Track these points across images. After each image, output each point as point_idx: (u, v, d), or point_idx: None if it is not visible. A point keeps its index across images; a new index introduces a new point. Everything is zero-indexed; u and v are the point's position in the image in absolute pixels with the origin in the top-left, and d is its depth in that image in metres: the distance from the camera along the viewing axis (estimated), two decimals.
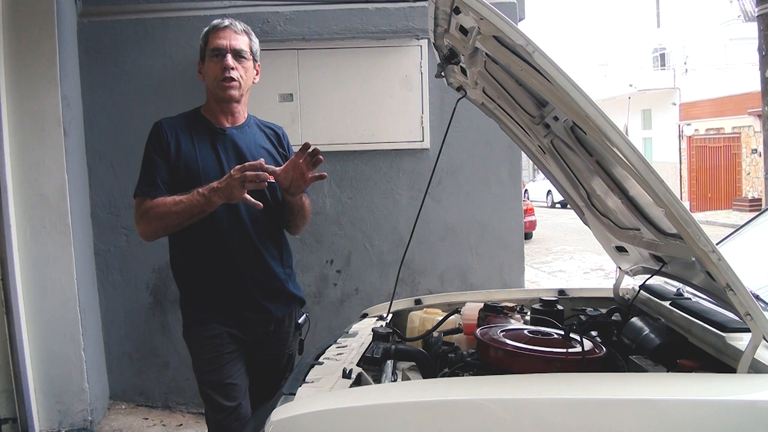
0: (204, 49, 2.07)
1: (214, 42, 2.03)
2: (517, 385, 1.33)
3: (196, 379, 2.08)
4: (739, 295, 1.29)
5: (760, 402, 1.27)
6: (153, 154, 2.00)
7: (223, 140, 2.05)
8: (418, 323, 2.03)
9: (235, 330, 2.04)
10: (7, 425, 3.08)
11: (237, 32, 2.05)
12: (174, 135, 2.02)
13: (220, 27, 2.04)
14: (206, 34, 2.07)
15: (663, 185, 1.27)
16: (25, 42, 3.10)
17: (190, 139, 2.03)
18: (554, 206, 21.54)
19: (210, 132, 2.06)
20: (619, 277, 2.18)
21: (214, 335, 2.02)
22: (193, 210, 1.90)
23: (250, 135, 2.12)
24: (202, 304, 2.04)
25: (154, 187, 1.96)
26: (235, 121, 2.10)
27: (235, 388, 2.02)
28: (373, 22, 3.57)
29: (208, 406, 2.06)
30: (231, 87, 2.02)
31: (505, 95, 1.79)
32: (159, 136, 2.02)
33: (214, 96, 2.07)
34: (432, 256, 3.65)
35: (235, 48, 2.02)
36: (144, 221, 1.96)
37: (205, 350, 2.02)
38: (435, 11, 1.63)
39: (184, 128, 2.05)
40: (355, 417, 1.25)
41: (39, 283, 3.16)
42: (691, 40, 20.67)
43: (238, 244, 2.02)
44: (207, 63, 2.05)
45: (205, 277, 2.04)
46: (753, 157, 17.48)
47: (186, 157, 2.00)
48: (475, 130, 3.50)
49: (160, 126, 2.04)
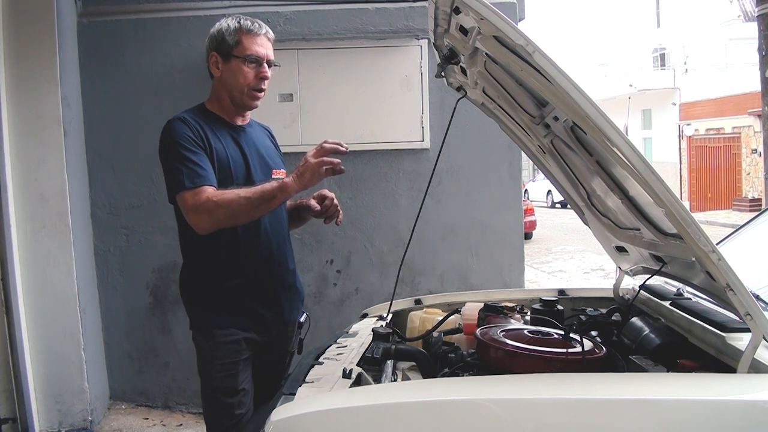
0: (231, 48, 1.95)
1: (251, 47, 1.95)
2: (517, 385, 1.33)
3: (205, 383, 2.01)
4: (739, 295, 1.29)
5: (760, 402, 1.27)
6: (189, 146, 1.87)
7: (243, 137, 2.03)
8: (418, 323, 2.03)
9: (252, 333, 2.01)
10: (7, 425, 3.07)
11: (270, 40, 2.01)
12: (200, 126, 1.93)
13: (259, 33, 1.97)
14: (237, 32, 1.95)
15: (663, 185, 1.27)
16: (25, 42, 3.10)
17: (213, 133, 1.96)
18: (554, 206, 21.53)
19: (230, 128, 2.02)
20: (619, 277, 2.18)
21: (232, 341, 1.97)
22: (264, 195, 1.81)
23: (258, 134, 2.12)
24: (222, 306, 1.99)
25: (203, 178, 1.83)
26: (244, 120, 2.09)
27: (247, 395, 2.00)
28: (373, 22, 3.57)
29: (218, 412, 1.99)
30: (260, 98, 2.01)
31: (505, 95, 1.79)
32: (191, 128, 1.90)
33: (236, 99, 2.00)
34: (432, 256, 3.65)
35: (270, 58, 2.00)
36: (204, 211, 1.81)
37: (223, 355, 1.97)
38: (435, 11, 1.63)
39: (204, 122, 1.96)
40: (355, 417, 1.25)
41: (39, 283, 3.16)
42: (691, 40, 20.67)
43: (259, 238, 2.00)
44: (236, 65, 1.96)
45: (228, 274, 1.98)
46: (753, 157, 17.48)
47: (217, 151, 1.93)
48: (475, 130, 3.49)
49: (186, 120, 1.92)
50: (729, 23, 17.94)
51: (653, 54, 24.04)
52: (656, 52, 23.99)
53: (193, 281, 2.05)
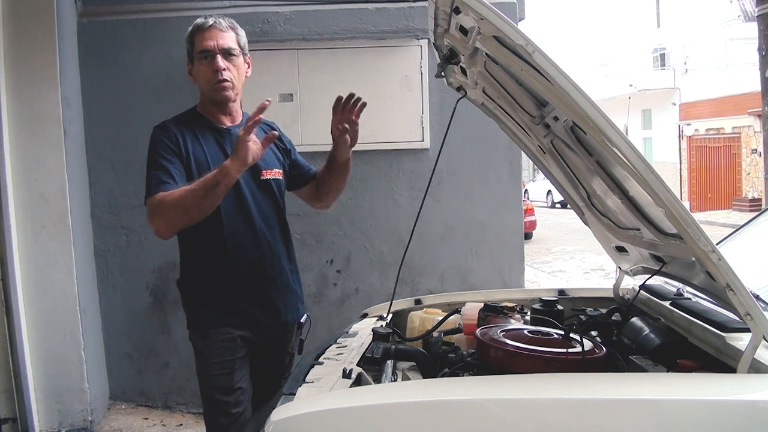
0: (191, 51, 2.00)
1: (201, 44, 1.96)
2: (517, 385, 1.33)
3: (202, 382, 2.03)
4: (739, 295, 1.29)
5: (760, 402, 1.27)
6: (164, 153, 1.91)
7: (229, 138, 2.00)
8: (418, 323, 2.03)
9: (247, 332, 2.01)
10: (7, 425, 3.07)
11: (223, 30, 1.97)
12: (182, 135, 1.96)
13: (205, 27, 1.96)
14: (191, 35, 1.99)
15: (663, 185, 1.27)
16: (25, 42, 3.10)
17: (196, 139, 1.98)
18: (554, 206, 21.53)
19: (215, 131, 2.02)
20: (619, 277, 2.18)
21: (227, 339, 1.98)
22: (207, 183, 1.78)
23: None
24: (215, 305, 2.00)
25: (165, 184, 1.85)
26: (234, 120, 2.07)
27: (244, 393, 2.00)
28: (373, 22, 3.57)
29: (215, 410, 2.01)
30: (226, 88, 1.98)
31: (505, 95, 1.79)
32: (169, 135, 1.94)
33: (209, 98, 2.02)
34: (432, 256, 3.65)
35: (224, 47, 1.96)
36: (157, 215, 1.84)
37: (218, 354, 1.98)
38: (435, 11, 1.63)
39: (188, 128, 1.99)
40: (355, 417, 1.25)
41: (39, 283, 3.16)
42: (691, 40, 20.67)
43: (248, 239, 2.00)
44: (197, 65, 1.99)
45: (219, 275, 1.99)
46: (753, 157, 17.48)
47: (196, 156, 1.95)
48: (475, 130, 3.49)
49: (166, 127, 1.98)
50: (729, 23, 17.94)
51: (653, 54, 24.03)
52: (656, 52, 23.99)
53: (187, 281, 2.08)
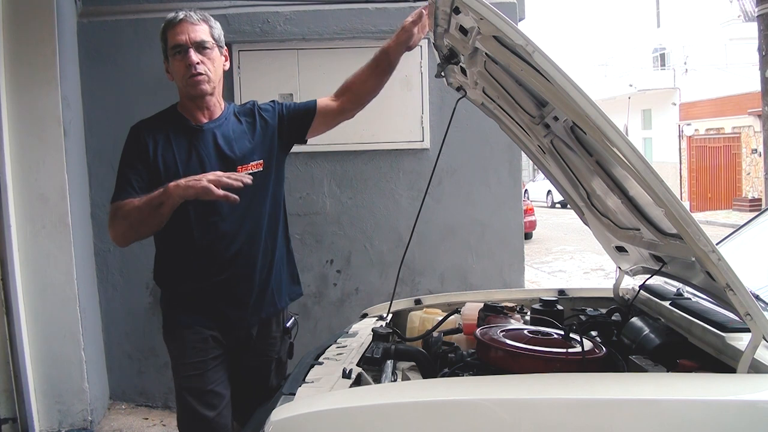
0: (165, 49, 1.98)
1: (173, 39, 1.93)
2: (517, 385, 1.33)
3: (175, 384, 2.00)
4: (739, 295, 1.29)
5: (760, 402, 1.27)
6: (130, 160, 1.93)
7: (202, 137, 1.97)
8: (418, 323, 2.03)
9: (218, 333, 1.98)
10: (7, 425, 3.07)
11: (194, 23, 1.94)
12: (152, 138, 1.94)
13: (176, 22, 1.93)
14: (163, 31, 1.96)
15: (663, 185, 1.27)
16: (25, 42, 3.10)
17: (168, 142, 1.95)
18: (554, 206, 21.52)
19: (187, 130, 1.98)
20: (619, 277, 2.18)
21: (199, 339, 1.95)
22: (152, 203, 1.79)
23: (228, 127, 2.02)
24: (185, 305, 1.98)
25: (126, 192, 1.87)
26: (212, 115, 2.01)
27: (217, 397, 1.95)
28: (373, 22, 3.57)
29: (184, 414, 1.96)
30: (200, 82, 1.92)
31: (505, 95, 1.79)
32: (137, 140, 1.95)
33: (186, 94, 1.98)
34: (432, 256, 3.65)
35: (196, 40, 1.92)
36: (111, 224, 1.89)
37: (189, 354, 1.95)
38: (435, 11, 1.63)
39: (162, 129, 1.97)
40: (355, 417, 1.25)
41: (39, 283, 3.16)
42: (691, 40, 20.66)
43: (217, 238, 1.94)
44: (171, 62, 1.96)
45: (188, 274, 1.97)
46: (753, 157, 17.48)
47: (165, 158, 1.93)
48: (475, 130, 3.49)
49: (137, 130, 1.98)
50: (729, 23, 17.96)
51: (653, 54, 24.03)
52: (656, 52, 23.98)
53: (160, 280, 2.07)
